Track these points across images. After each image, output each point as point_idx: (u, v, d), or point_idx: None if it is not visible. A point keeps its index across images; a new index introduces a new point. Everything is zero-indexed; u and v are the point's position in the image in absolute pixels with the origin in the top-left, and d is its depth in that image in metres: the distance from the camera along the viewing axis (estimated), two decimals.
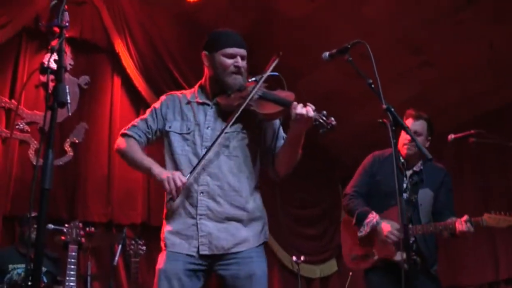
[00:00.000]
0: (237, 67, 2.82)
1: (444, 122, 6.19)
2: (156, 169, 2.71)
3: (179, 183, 2.58)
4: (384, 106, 2.71)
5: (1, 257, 4.77)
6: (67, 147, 6.03)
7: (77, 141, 6.13)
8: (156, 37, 6.76)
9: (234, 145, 2.78)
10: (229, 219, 2.71)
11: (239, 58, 2.83)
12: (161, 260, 2.70)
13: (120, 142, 2.88)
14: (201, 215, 2.68)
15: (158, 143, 2.97)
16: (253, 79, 2.86)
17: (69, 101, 1.81)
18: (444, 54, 6.27)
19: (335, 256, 7.54)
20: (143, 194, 6.27)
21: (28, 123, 5.86)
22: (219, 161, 2.73)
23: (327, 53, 3.03)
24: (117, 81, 6.59)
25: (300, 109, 2.61)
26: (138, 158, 2.80)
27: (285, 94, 2.79)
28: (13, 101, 5.80)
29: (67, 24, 2.07)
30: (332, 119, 2.63)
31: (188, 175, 2.64)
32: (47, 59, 1.89)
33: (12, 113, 5.79)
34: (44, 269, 4.39)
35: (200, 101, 2.89)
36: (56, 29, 5.78)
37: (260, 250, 2.77)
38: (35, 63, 6.04)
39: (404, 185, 3.97)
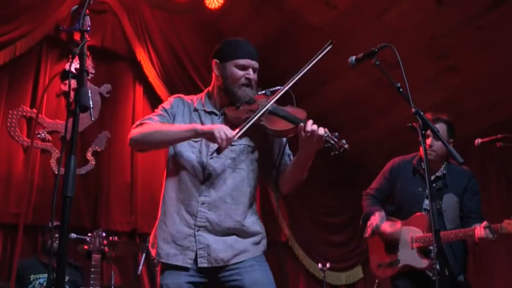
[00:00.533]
0: (248, 79, 2.74)
1: (469, 127, 6.09)
2: (199, 126, 2.59)
3: (229, 135, 2.47)
4: (413, 110, 2.64)
5: (23, 267, 4.76)
6: (89, 156, 6.03)
7: (99, 149, 6.13)
8: (178, 45, 6.75)
9: (241, 159, 2.70)
10: (228, 233, 2.62)
11: (251, 71, 2.76)
12: (161, 274, 2.62)
13: (134, 131, 2.71)
14: (200, 226, 2.59)
15: None
16: (263, 92, 2.80)
17: (91, 105, 1.76)
18: (469, 59, 6.17)
19: (361, 263, 7.49)
20: None
21: (49, 132, 5.87)
22: (224, 173, 2.65)
23: (353, 58, 3.01)
24: (139, 89, 6.59)
25: (310, 126, 2.52)
26: (174, 127, 2.67)
27: (297, 111, 2.71)
28: (34, 110, 5.81)
29: (88, 28, 2.04)
30: (344, 141, 2.49)
31: (237, 131, 2.52)
32: (68, 64, 1.84)
33: (33, 122, 5.80)
34: (66, 278, 4.37)
35: (208, 110, 2.80)
36: (77, 37, 5.82)
37: (261, 258, 2.68)
38: (55, 71, 6.06)
39: (427, 191, 3.89)
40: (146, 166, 6.30)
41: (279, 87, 2.77)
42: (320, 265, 6.08)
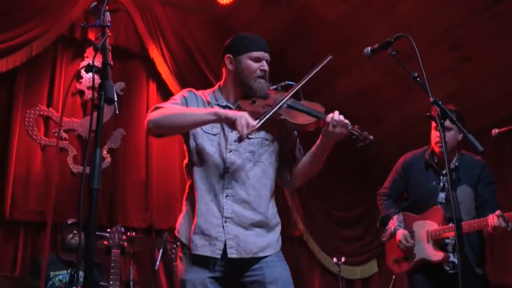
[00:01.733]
0: (264, 71, 2.76)
1: (484, 117, 6.07)
2: (221, 110, 2.58)
3: (251, 123, 2.47)
4: (431, 99, 2.64)
5: (42, 264, 4.81)
6: (104, 153, 6.08)
7: (114, 147, 6.18)
8: (190, 42, 6.78)
9: (260, 152, 2.72)
10: (254, 225, 2.64)
11: (265, 63, 2.78)
12: (183, 269, 2.61)
13: (153, 114, 2.66)
14: (227, 218, 2.60)
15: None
16: (274, 87, 2.82)
17: (115, 98, 1.79)
18: (483, 50, 6.12)
19: (376, 257, 7.49)
20: (181, 198, 6.25)
21: (66, 131, 5.93)
22: (245, 166, 2.67)
23: (369, 48, 2.98)
24: (152, 86, 6.63)
25: (337, 115, 2.59)
26: (193, 110, 2.66)
27: (315, 105, 2.76)
28: (51, 109, 5.88)
29: (109, 23, 2.06)
30: (367, 133, 2.61)
31: (258, 121, 2.52)
32: (88, 58, 1.88)
33: (50, 121, 5.87)
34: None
35: (222, 104, 2.79)
36: (91, 37, 5.87)
37: (280, 254, 2.71)
38: (71, 71, 6.13)
39: (441, 184, 3.91)
40: (160, 163, 6.35)
41: (289, 82, 2.80)
42: (335, 260, 6.09)
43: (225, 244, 2.56)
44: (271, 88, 2.82)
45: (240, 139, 2.51)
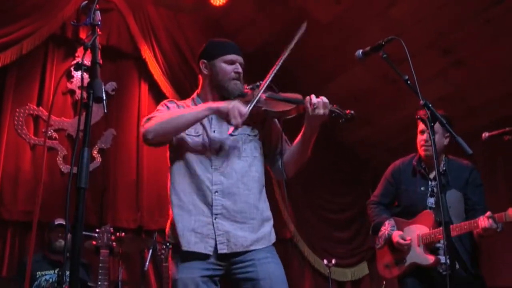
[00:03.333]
0: (238, 73, 2.83)
1: (476, 121, 6.09)
2: (213, 104, 2.67)
3: (243, 111, 2.57)
4: (422, 102, 2.64)
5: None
6: (95, 153, 6.05)
7: (105, 147, 6.16)
8: (183, 43, 6.78)
9: (244, 147, 2.77)
10: (245, 217, 2.67)
11: (238, 65, 2.84)
12: (175, 269, 2.62)
13: (149, 124, 2.67)
14: (216, 214, 2.63)
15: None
16: (249, 87, 2.87)
17: (104, 97, 1.78)
18: (476, 53, 6.15)
19: (366, 260, 7.49)
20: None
21: (56, 130, 5.90)
22: (231, 161, 2.72)
23: (360, 51, 2.99)
24: (144, 87, 6.61)
25: (315, 98, 2.69)
26: (188, 110, 2.72)
27: (292, 95, 2.82)
28: (40, 108, 5.85)
29: (99, 22, 2.05)
30: (349, 110, 2.74)
31: (248, 107, 2.62)
32: (79, 58, 1.86)
33: (40, 120, 5.84)
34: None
35: None
36: (83, 36, 5.85)
37: (273, 250, 2.74)
38: (61, 70, 6.10)
39: (430, 189, 3.93)
40: (151, 163, 6.32)
41: (261, 82, 2.84)
42: (325, 261, 6.12)
43: (215, 241, 2.59)
44: (248, 87, 2.87)
45: (236, 128, 2.60)
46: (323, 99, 2.69)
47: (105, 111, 1.85)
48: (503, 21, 5.70)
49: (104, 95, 1.78)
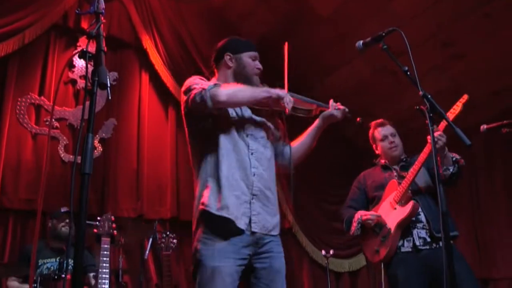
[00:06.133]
0: (259, 69, 3.12)
1: (475, 114, 6.11)
2: (270, 89, 2.90)
3: (291, 98, 2.89)
4: (421, 93, 2.68)
5: (32, 251, 4.80)
6: (96, 143, 6.07)
7: (106, 137, 6.18)
8: (184, 33, 6.79)
9: (266, 136, 3.04)
10: (269, 202, 2.91)
11: (258, 62, 3.13)
12: (211, 255, 2.70)
13: (218, 91, 2.80)
14: (254, 195, 2.84)
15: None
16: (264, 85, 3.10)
17: (109, 84, 1.81)
18: (475, 47, 6.17)
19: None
20: (172, 189, 6.30)
21: (57, 120, 5.92)
22: (262, 148, 2.98)
23: (361, 42, 3.07)
24: (145, 77, 6.62)
25: (335, 104, 3.19)
26: (250, 87, 2.94)
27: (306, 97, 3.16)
28: (42, 98, 5.87)
29: (103, 10, 2.08)
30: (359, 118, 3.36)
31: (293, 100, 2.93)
32: (81, 47, 1.89)
33: (42, 110, 5.86)
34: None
35: None
36: (84, 25, 5.85)
37: (281, 243, 2.97)
38: (63, 60, 6.10)
39: (395, 174, 4.12)
40: (152, 153, 6.36)
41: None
42: (323, 252, 6.16)
43: (250, 219, 2.79)
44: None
45: (287, 113, 2.89)
46: (343, 106, 3.18)
47: (109, 97, 1.88)
48: (502, 15, 5.72)
49: (108, 82, 1.81)
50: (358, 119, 3.27)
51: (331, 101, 3.18)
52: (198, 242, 2.76)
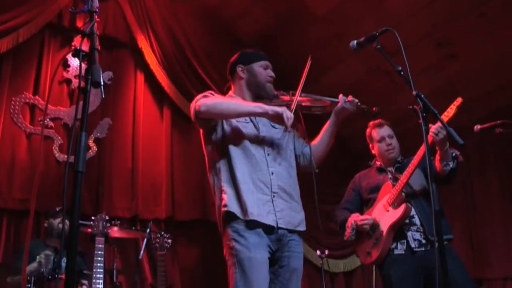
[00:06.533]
0: (272, 76, 3.25)
1: (469, 114, 6.12)
2: (265, 105, 2.97)
3: (291, 114, 2.91)
4: (415, 93, 2.70)
5: (29, 248, 4.77)
6: (90, 143, 6.06)
7: (100, 136, 6.16)
8: (179, 33, 6.77)
9: (285, 139, 3.18)
10: (292, 199, 3.05)
11: (270, 70, 3.27)
12: (245, 249, 2.82)
13: (204, 100, 3.02)
14: (274, 192, 2.97)
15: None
16: (281, 92, 3.27)
17: (102, 82, 1.81)
18: (469, 47, 6.19)
19: None
20: (167, 188, 6.29)
21: (52, 119, 5.90)
22: (279, 149, 3.11)
23: (355, 42, 3.10)
24: (140, 77, 6.61)
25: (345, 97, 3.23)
26: (243, 102, 3.07)
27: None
28: (37, 97, 5.85)
29: (97, 9, 2.08)
30: (374, 108, 3.31)
31: (292, 111, 2.98)
32: (78, 45, 1.89)
33: (36, 109, 5.84)
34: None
35: None
36: (79, 24, 5.84)
37: (302, 245, 3.10)
38: (58, 59, 6.08)
39: (390, 176, 4.15)
40: (147, 153, 6.34)
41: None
42: (318, 252, 6.15)
43: (276, 216, 2.92)
44: (277, 92, 3.27)
45: (285, 130, 3.05)
46: (353, 98, 3.22)
47: (103, 95, 1.89)
48: (498, 15, 5.74)
49: (102, 80, 1.81)
50: (374, 108, 3.27)
51: (341, 95, 3.23)
52: (230, 241, 2.88)
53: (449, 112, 3.80)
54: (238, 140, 3.03)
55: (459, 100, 3.85)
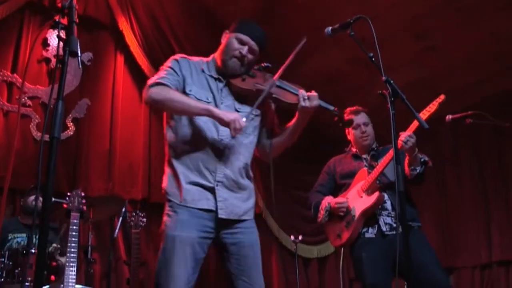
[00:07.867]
0: (242, 54, 2.95)
1: (447, 106, 6.23)
2: (217, 110, 2.78)
3: (243, 124, 2.71)
4: (384, 78, 2.78)
5: (3, 226, 4.79)
6: (68, 122, 6.06)
7: (79, 116, 6.17)
8: (160, 16, 6.78)
9: (247, 124, 2.87)
10: (240, 188, 2.89)
11: (247, 48, 2.95)
12: (172, 225, 2.74)
13: (155, 91, 2.82)
14: (218, 181, 2.81)
15: None
16: (257, 67, 3.05)
17: (79, 54, 1.86)
18: (448, 39, 6.27)
19: None
20: (143, 170, 6.34)
21: (30, 98, 5.89)
22: (237, 136, 2.84)
23: (329, 28, 3.18)
24: (120, 58, 6.62)
25: (305, 93, 2.92)
26: (192, 102, 2.81)
27: (296, 86, 3.01)
28: (15, 75, 5.83)
29: None
30: (336, 107, 3.06)
31: (245, 120, 2.76)
32: (57, 18, 1.94)
33: (14, 87, 5.83)
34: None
35: (215, 76, 2.99)
36: (59, 5, 5.80)
37: (254, 222, 2.97)
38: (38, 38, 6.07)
39: (365, 163, 4.23)
40: (124, 134, 6.38)
41: (266, 64, 3.06)
42: (292, 238, 6.23)
43: (216, 206, 2.78)
44: (255, 68, 3.04)
45: (232, 138, 2.81)
46: (313, 93, 2.92)
47: (80, 66, 1.93)
48: (474, 9, 5.81)
49: (79, 51, 1.86)
50: (335, 108, 3.05)
51: (301, 91, 2.93)
52: (164, 216, 2.82)
53: (431, 108, 3.87)
54: (192, 125, 2.86)
55: (442, 97, 3.92)
